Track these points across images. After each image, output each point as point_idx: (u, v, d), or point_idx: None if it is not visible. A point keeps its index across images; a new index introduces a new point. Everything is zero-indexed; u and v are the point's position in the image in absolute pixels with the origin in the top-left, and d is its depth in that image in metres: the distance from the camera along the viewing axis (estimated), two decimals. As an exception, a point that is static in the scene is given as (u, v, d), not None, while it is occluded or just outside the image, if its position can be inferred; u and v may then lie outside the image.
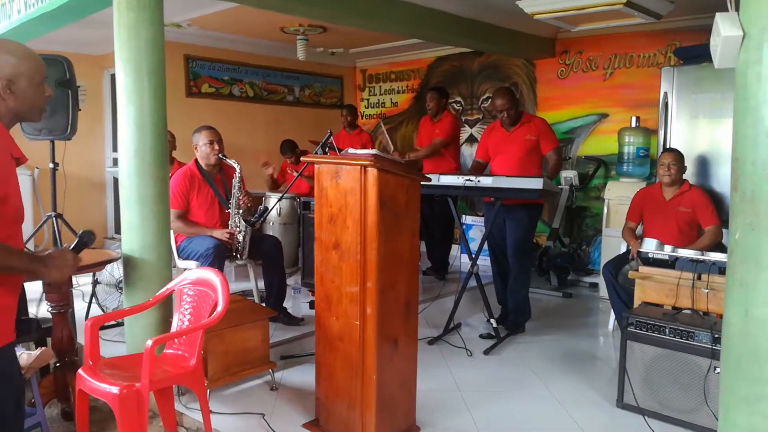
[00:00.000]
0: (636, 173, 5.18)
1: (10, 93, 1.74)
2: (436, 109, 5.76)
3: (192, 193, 4.11)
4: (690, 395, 2.83)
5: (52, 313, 3.01)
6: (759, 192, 1.23)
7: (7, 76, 1.72)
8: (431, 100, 5.78)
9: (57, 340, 3.02)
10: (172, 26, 5.61)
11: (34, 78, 1.78)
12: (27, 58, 1.77)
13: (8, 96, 1.74)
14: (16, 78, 1.73)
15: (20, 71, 1.74)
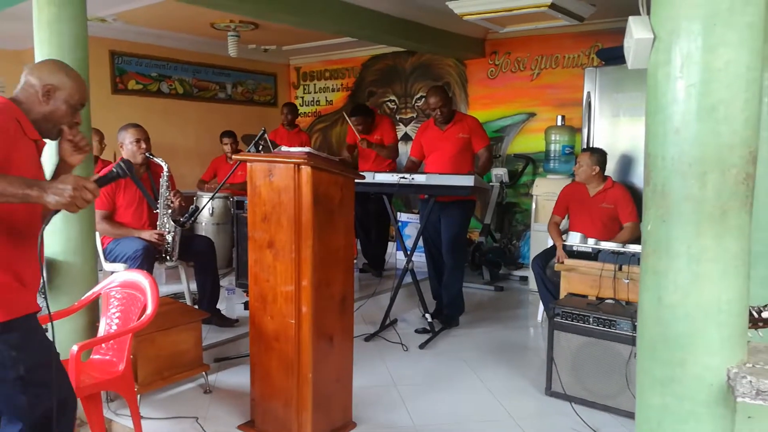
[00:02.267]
0: (562, 170, 5.37)
1: (47, 99, 1.89)
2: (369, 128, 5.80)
3: (118, 193, 3.98)
4: (613, 381, 2.96)
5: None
6: (669, 186, 1.31)
7: (52, 83, 1.89)
8: (358, 125, 5.80)
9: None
10: (96, 21, 5.41)
11: (72, 99, 1.92)
12: (75, 81, 1.94)
13: (44, 100, 1.89)
14: (58, 89, 1.89)
15: (65, 86, 1.91)
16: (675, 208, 1.30)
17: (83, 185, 1.65)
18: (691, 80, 1.25)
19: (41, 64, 1.99)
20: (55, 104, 1.90)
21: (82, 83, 1.97)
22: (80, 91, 1.95)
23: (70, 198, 1.62)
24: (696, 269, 1.29)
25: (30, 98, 1.89)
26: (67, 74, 1.94)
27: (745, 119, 1.25)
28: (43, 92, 1.88)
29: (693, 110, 1.26)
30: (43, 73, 1.91)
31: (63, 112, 1.92)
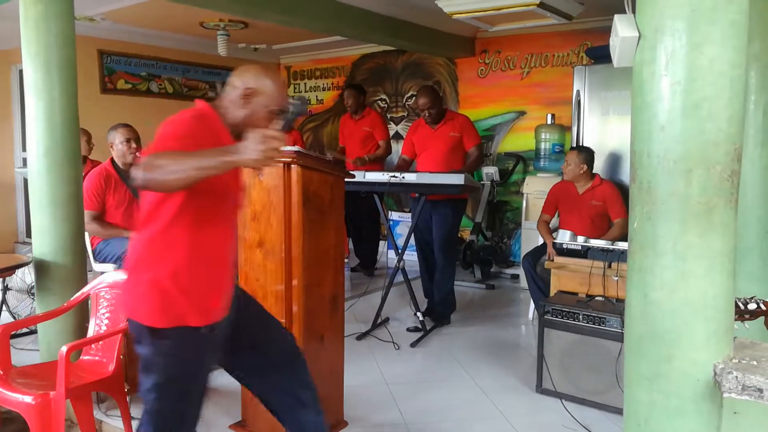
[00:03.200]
0: (552, 168, 5.39)
1: (246, 102, 1.87)
2: (356, 106, 5.80)
3: (108, 193, 3.96)
4: (603, 377, 2.98)
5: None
6: (654, 183, 1.31)
7: (253, 87, 1.86)
8: (349, 98, 5.81)
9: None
10: (84, 20, 5.37)
11: (271, 104, 1.88)
12: (276, 86, 1.91)
13: (243, 103, 1.87)
14: (258, 93, 1.86)
15: (265, 91, 1.87)
16: (661, 205, 1.31)
17: (269, 135, 1.59)
18: (676, 78, 1.26)
19: (247, 67, 1.96)
20: (252, 108, 1.88)
21: (283, 89, 1.96)
22: (280, 97, 1.92)
23: (263, 151, 1.57)
24: (682, 266, 1.30)
25: (230, 100, 1.90)
26: (271, 79, 1.92)
27: (729, 116, 1.26)
28: (244, 95, 1.87)
29: (678, 108, 1.27)
30: (247, 76, 1.90)
31: (260, 117, 1.89)
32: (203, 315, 1.82)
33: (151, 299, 1.78)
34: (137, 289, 1.82)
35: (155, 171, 1.59)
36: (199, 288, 1.82)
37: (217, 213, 1.86)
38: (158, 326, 1.78)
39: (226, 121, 1.88)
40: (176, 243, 1.78)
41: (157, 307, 1.78)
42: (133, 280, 1.85)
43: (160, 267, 1.78)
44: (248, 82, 1.88)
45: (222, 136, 1.85)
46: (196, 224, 1.79)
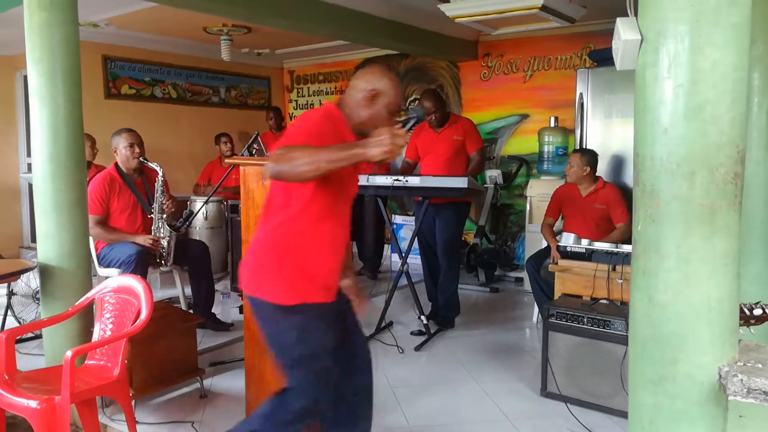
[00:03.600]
0: (555, 171, 5.39)
1: (370, 103, 2.01)
2: None
3: (112, 198, 3.98)
4: (608, 381, 2.97)
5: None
6: (658, 186, 1.31)
7: (377, 89, 2.00)
8: None
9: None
10: (88, 26, 5.40)
11: (392, 105, 2.02)
12: (397, 87, 2.05)
13: (367, 105, 2.01)
14: (381, 95, 2.00)
15: (388, 92, 2.01)
16: (664, 208, 1.31)
17: (395, 133, 1.76)
18: (679, 81, 1.26)
19: (371, 70, 2.10)
20: (376, 108, 2.01)
21: (401, 89, 2.12)
22: (399, 96, 2.07)
23: (390, 145, 1.73)
24: (686, 268, 1.30)
25: (355, 101, 2.03)
26: (391, 80, 2.05)
27: (732, 119, 1.26)
28: (369, 97, 2.00)
29: (680, 110, 1.27)
30: (372, 77, 2.03)
31: (382, 117, 2.01)
32: (326, 293, 2.01)
33: (281, 280, 1.95)
34: (265, 270, 1.99)
35: (288, 162, 1.76)
36: (323, 270, 2.00)
37: (337, 203, 2.02)
38: (287, 303, 1.95)
39: (351, 121, 2.02)
40: (303, 230, 1.96)
41: (287, 287, 1.95)
42: (259, 262, 2.01)
43: (289, 251, 1.96)
44: (374, 85, 2.01)
45: (346, 134, 2.00)
46: (320, 213, 1.97)
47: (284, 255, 1.97)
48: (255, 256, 2.03)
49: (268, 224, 2.03)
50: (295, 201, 1.95)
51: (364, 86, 2.01)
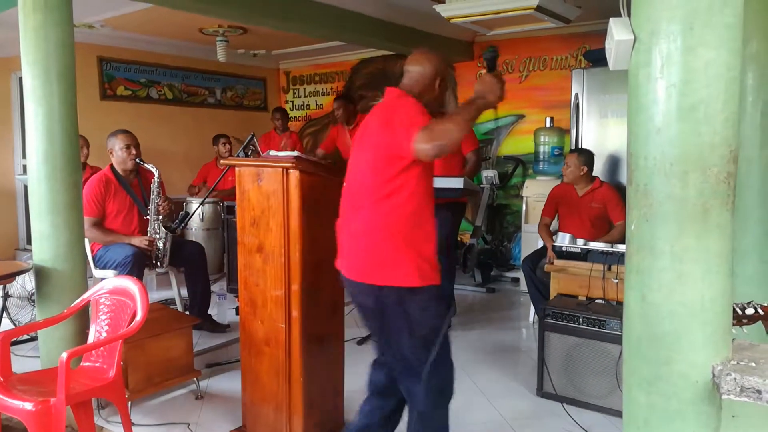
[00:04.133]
0: (551, 171, 5.39)
1: (437, 88, 2.27)
2: (347, 116, 5.78)
3: (108, 199, 3.97)
4: (604, 380, 2.98)
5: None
6: (651, 185, 1.31)
7: (441, 74, 2.27)
8: (339, 108, 5.80)
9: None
10: (83, 27, 5.39)
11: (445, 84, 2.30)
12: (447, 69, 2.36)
13: (435, 89, 2.26)
14: (443, 79, 2.28)
15: (446, 72, 2.32)
16: (657, 208, 1.31)
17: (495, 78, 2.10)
18: (672, 80, 1.26)
19: (431, 57, 2.30)
20: (441, 90, 2.29)
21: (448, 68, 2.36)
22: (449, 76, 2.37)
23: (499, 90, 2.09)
24: (679, 268, 1.30)
25: (424, 86, 2.24)
26: (444, 62, 2.34)
27: (725, 119, 1.26)
28: (438, 81, 2.26)
29: (673, 110, 1.27)
30: (437, 64, 2.27)
31: (444, 95, 2.31)
32: (438, 273, 2.13)
33: (406, 263, 2.05)
34: (387, 256, 2.07)
35: (444, 136, 1.96)
36: (432, 252, 2.11)
37: (429, 186, 2.16)
38: (417, 285, 2.06)
39: (420, 101, 2.19)
40: (413, 213, 2.08)
41: (414, 270, 2.05)
42: (379, 250, 2.08)
43: (407, 235, 2.06)
44: (440, 71, 2.27)
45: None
46: (424, 197, 2.11)
47: (403, 239, 2.06)
48: (372, 244, 2.10)
49: (377, 211, 2.08)
50: (402, 186, 2.05)
51: (433, 73, 2.24)
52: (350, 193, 2.25)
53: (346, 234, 2.22)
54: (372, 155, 2.16)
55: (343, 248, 2.25)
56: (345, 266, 2.23)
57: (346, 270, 2.21)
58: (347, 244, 2.22)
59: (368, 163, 2.17)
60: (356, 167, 2.26)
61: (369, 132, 2.25)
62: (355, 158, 2.29)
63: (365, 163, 2.19)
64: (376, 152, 2.14)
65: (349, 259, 2.20)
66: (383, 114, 2.23)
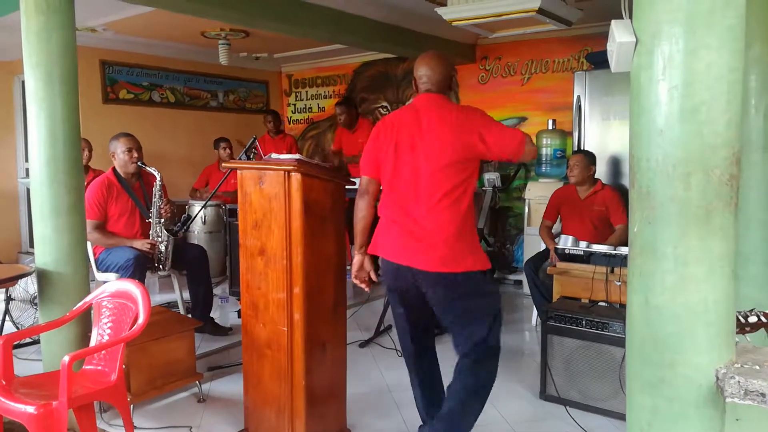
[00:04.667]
0: (554, 174, 5.39)
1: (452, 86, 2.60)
2: (350, 120, 5.80)
3: (110, 202, 3.98)
4: (606, 383, 2.97)
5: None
6: (653, 188, 1.31)
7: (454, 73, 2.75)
8: (341, 114, 5.82)
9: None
10: (86, 30, 5.40)
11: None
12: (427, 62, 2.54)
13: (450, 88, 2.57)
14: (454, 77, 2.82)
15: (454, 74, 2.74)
16: (660, 210, 1.31)
17: None
18: (674, 82, 1.26)
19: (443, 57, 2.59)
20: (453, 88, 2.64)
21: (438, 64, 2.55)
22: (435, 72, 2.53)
23: None
24: (682, 270, 1.29)
25: (446, 86, 2.53)
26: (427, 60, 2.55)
27: (728, 120, 1.26)
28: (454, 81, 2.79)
29: (676, 112, 1.27)
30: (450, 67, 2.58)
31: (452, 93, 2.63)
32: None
33: (478, 250, 2.45)
34: (467, 245, 2.42)
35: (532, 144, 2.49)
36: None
37: None
38: (486, 268, 2.44)
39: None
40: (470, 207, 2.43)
41: (482, 255, 2.45)
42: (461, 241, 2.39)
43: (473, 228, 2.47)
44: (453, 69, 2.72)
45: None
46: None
47: (469, 232, 2.44)
48: (453, 236, 2.38)
49: (456, 208, 2.37)
50: (469, 185, 2.41)
51: (449, 74, 2.54)
52: (412, 193, 2.40)
53: (411, 231, 2.41)
54: (440, 158, 2.35)
55: (407, 245, 2.42)
56: (417, 260, 2.40)
57: (422, 263, 2.39)
58: (415, 240, 2.40)
59: (435, 165, 2.36)
60: (413, 169, 2.40)
61: (432, 135, 2.38)
62: (406, 161, 2.41)
63: (429, 166, 2.37)
64: (450, 155, 2.35)
65: (422, 253, 2.39)
66: (447, 118, 2.39)
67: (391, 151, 2.44)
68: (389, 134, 2.46)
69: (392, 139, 2.44)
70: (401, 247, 2.44)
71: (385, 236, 2.51)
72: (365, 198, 2.56)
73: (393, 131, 2.45)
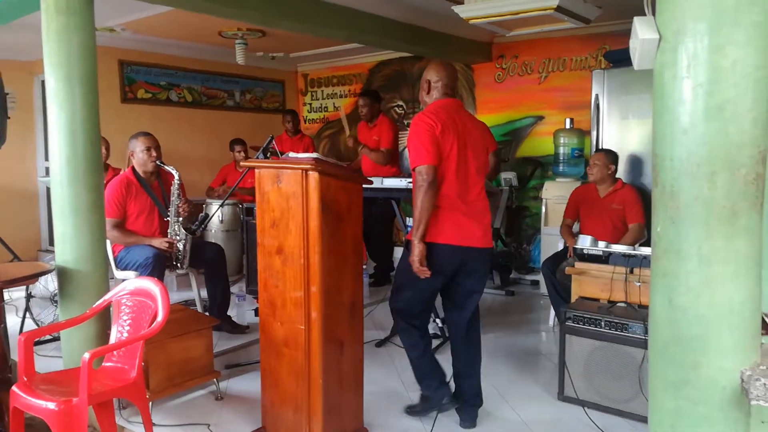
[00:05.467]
0: (571, 173, 5.35)
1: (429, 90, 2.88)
2: (371, 114, 5.75)
3: (129, 201, 4.01)
4: (626, 385, 2.94)
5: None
6: (678, 187, 1.29)
7: (429, 79, 2.86)
8: (364, 106, 5.76)
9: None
10: (104, 31, 5.45)
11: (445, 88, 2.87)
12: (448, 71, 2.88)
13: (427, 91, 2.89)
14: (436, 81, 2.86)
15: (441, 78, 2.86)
16: (684, 210, 1.29)
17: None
18: (698, 80, 1.24)
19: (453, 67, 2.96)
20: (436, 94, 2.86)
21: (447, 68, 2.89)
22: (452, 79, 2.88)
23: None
24: (707, 271, 1.28)
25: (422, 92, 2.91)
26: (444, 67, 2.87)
27: (754, 118, 1.24)
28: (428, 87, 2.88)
29: (700, 110, 1.25)
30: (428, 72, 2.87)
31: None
32: None
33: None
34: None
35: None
36: None
37: None
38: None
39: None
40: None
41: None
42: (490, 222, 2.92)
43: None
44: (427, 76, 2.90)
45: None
46: None
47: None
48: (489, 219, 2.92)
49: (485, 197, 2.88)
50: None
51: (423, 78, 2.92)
52: (466, 182, 2.79)
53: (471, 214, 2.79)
54: (481, 155, 2.89)
55: (469, 226, 2.78)
56: (477, 239, 2.80)
57: (479, 241, 2.81)
58: (474, 221, 2.80)
59: (479, 160, 2.86)
60: (468, 162, 2.80)
61: (471, 134, 2.84)
62: (464, 155, 2.78)
63: (476, 160, 2.83)
64: (485, 153, 2.95)
65: (481, 232, 2.82)
66: (477, 123, 2.97)
67: (453, 146, 2.73)
68: (447, 130, 2.72)
69: (451, 135, 2.74)
70: (462, 230, 2.77)
71: (445, 222, 2.75)
72: (434, 187, 2.69)
73: (449, 127, 2.74)
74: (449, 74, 2.85)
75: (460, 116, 2.81)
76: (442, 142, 2.69)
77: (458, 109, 2.85)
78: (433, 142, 2.67)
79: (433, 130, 2.68)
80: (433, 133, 2.68)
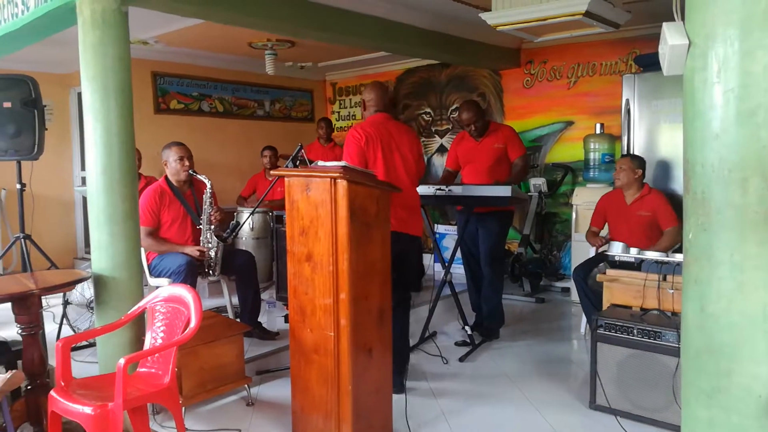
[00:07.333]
0: (602, 179, 5.29)
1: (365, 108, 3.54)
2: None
3: (162, 209, 4.09)
4: (659, 393, 2.89)
5: (22, 335, 2.95)
6: (709, 193, 1.28)
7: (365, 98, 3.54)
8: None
9: (28, 363, 2.96)
10: (138, 43, 5.58)
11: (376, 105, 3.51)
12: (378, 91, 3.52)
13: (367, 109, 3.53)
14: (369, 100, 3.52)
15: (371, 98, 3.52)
16: (716, 216, 1.28)
17: None
18: (729, 85, 1.23)
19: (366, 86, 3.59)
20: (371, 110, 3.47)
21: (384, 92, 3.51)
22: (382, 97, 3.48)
23: None
24: (739, 277, 1.26)
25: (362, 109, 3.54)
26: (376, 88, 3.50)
27: (787, 123, 1.22)
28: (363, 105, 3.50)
29: (731, 115, 1.24)
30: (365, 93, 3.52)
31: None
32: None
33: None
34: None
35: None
36: None
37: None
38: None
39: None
40: None
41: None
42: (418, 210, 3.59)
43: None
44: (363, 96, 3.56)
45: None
46: None
47: None
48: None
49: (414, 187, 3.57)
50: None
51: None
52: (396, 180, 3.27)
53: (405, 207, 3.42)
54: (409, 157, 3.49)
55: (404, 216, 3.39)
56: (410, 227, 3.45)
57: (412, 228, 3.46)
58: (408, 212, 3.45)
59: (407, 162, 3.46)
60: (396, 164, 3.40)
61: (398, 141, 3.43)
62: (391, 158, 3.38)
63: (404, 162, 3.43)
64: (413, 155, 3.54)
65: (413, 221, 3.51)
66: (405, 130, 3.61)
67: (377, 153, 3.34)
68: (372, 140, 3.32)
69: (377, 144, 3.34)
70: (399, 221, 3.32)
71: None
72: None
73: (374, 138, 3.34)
74: (379, 93, 3.47)
75: (386, 127, 3.39)
76: (366, 151, 3.30)
77: (386, 122, 3.43)
78: (359, 152, 3.26)
79: (359, 141, 3.29)
80: (359, 144, 3.29)
